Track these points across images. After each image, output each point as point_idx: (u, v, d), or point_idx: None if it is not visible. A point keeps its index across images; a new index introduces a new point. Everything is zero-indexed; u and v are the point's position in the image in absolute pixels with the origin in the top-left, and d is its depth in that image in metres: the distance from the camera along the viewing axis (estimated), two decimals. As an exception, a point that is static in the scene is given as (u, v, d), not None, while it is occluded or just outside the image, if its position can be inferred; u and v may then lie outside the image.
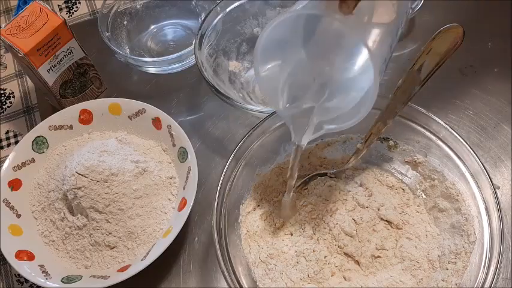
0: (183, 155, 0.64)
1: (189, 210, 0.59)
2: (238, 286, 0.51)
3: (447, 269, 0.55)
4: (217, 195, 0.55)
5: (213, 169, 0.68)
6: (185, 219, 0.58)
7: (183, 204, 0.60)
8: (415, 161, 0.61)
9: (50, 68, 0.66)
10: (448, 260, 0.56)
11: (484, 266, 0.51)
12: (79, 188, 0.58)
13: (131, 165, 0.61)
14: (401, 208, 0.60)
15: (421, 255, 0.57)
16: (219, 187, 0.56)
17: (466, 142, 0.56)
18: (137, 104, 0.68)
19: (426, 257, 0.57)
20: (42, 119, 0.70)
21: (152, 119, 0.67)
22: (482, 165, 0.55)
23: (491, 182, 0.54)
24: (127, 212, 0.59)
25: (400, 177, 0.63)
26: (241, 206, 0.59)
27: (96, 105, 0.69)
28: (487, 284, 0.50)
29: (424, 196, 0.61)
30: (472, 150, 0.56)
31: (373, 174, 0.63)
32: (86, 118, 0.68)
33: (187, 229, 0.64)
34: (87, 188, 0.58)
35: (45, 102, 0.77)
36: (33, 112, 0.78)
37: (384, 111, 0.58)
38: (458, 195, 0.57)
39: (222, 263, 0.52)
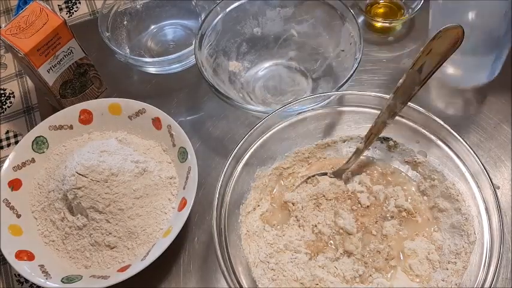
0: (183, 155, 0.64)
1: (189, 210, 0.59)
2: (238, 286, 0.51)
3: (447, 269, 0.55)
4: (217, 195, 0.55)
5: (213, 169, 0.68)
6: (185, 219, 0.58)
7: (183, 204, 0.60)
8: (415, 161, 0.61)
9: (50, 68, 0.66)
10: (448, 260, 0.56)
11: (484, 266, 0.51)
12: (79, 188, 0.58)
13: (131, 165, 0.61)
14: (401, 207, 0.60)
15: (421, 255, 0.57)
16: (219, 187, 0.56)
17: (466, 142, 0.56)
18: (137, 104, 0.67)
19: (426, 257, 0.57)
20: (42, 119, 0.70)
21: (152, 119, 0.67)
22: (482, 165, 0.55)
23: (491, 182, 0.54)
24: (127, 212, 0.59)
25: (400, 177, 0.63)
26: (241, 206, 0.59)
27: (96, 105, 0.69)
28: (487, 284, 0.49)
29: (424, 196, 0.61)
30: (472, 150, 0.55)
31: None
32: (86, 118, 0.68)
33: (187, 229, 0.64)
34: (87, 188, 0.58)
35: (45, 102, 0.77)
36: (33, 112, 0.78)
37: (383, 111, 0.58)
38: (458, 195, 0.57)
39: (222, 263, 0.52)
